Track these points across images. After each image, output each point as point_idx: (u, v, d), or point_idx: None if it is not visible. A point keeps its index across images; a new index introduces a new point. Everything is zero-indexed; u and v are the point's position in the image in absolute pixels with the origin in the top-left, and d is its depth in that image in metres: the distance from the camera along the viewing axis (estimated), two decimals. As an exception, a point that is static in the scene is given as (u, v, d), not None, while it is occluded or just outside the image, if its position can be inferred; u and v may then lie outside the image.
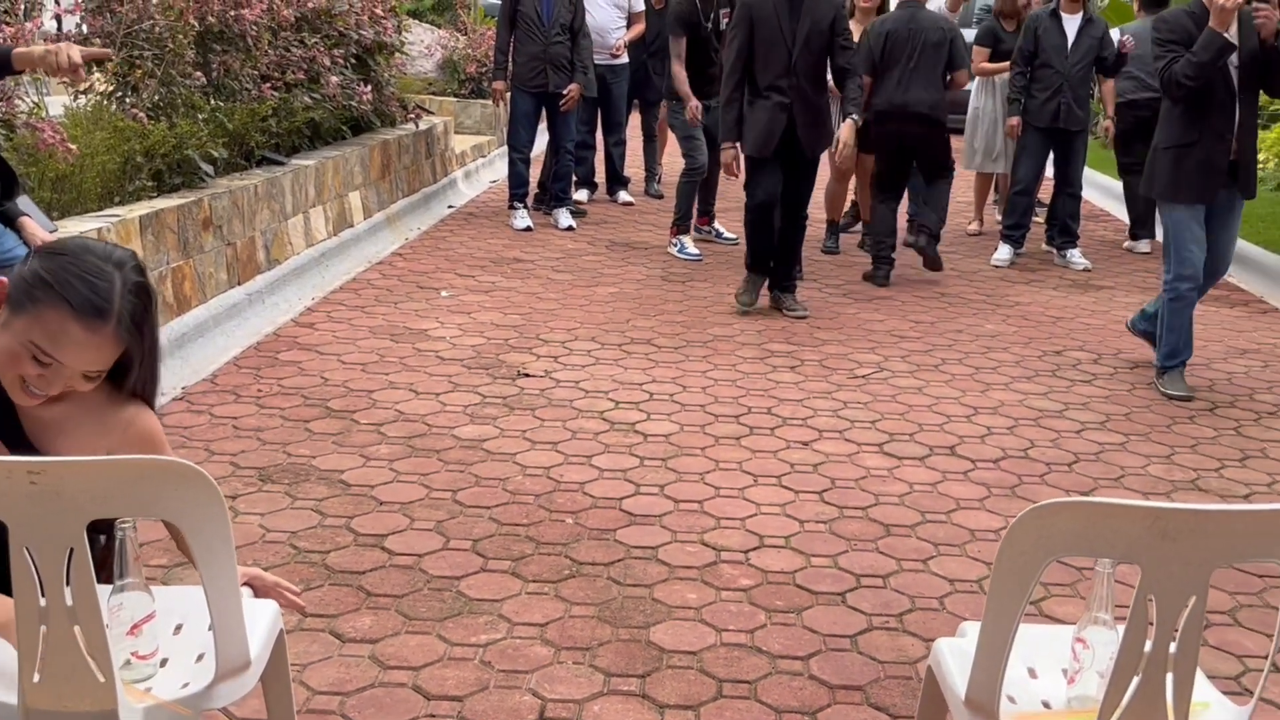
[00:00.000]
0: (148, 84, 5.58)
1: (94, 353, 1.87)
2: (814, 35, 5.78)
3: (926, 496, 3.94)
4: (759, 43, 5.79)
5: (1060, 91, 7.25)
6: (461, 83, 11.49)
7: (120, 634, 1.82)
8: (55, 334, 1.84)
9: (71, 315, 1.83)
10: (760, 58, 5.82)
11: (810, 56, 5.81)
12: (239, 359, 5.09)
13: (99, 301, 1.85)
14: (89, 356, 1.87)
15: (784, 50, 5.76)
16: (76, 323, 1.84)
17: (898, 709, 2.71)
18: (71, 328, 1.84)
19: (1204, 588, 1.65)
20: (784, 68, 5.77)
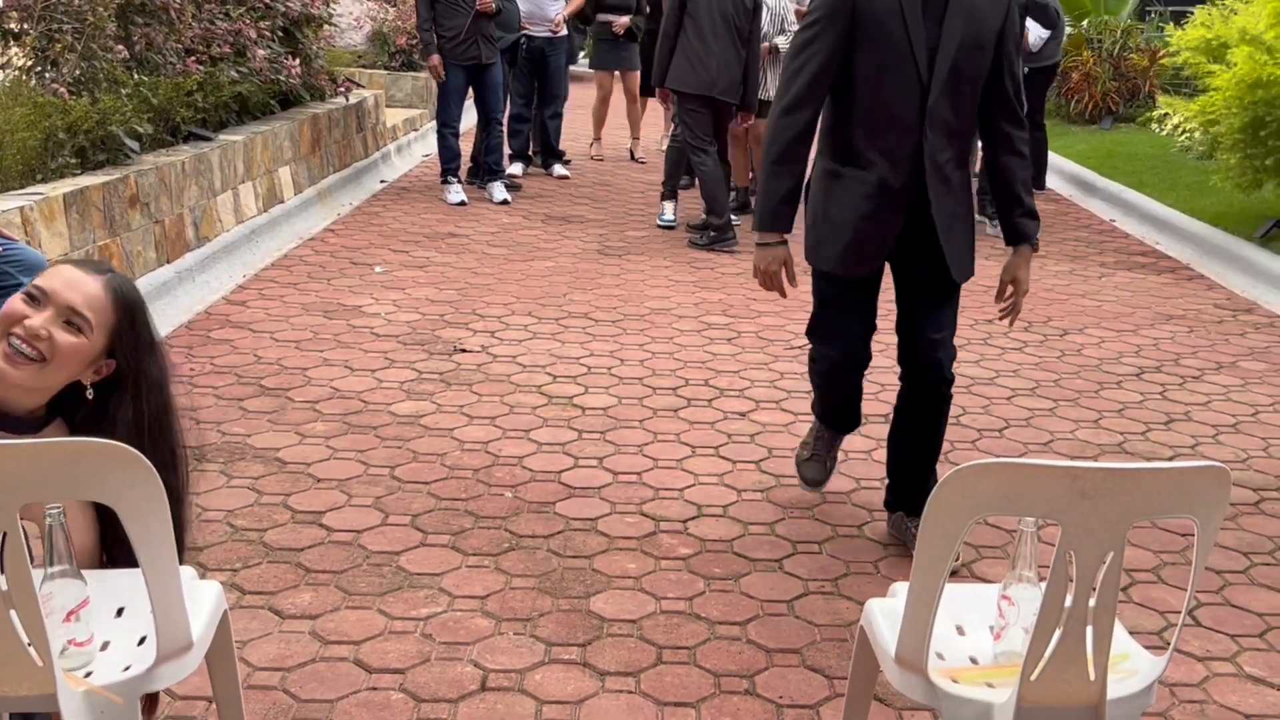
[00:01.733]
0: (68, 58, 5.46)
1: (83, 292, 1.94)
2: (969, 53, 3.00)
3: (861, 464, 4.01)
4: (864, 63, 3.03)
5: None
6: (392, 55, 11.38)
7: (56, 622, 1.81)
8: (51, 273, 1.98)
9: (70, 263, 2.03)
10: (863, 92, 3.06)
11: (958, 94, 3.04)
12: (170, 338, 5.03)
13: (96, 265, 2.03)
14: (78, 294, 1.93)
15: (912, 79, 3.00)
16: (73, 266, 2.00)
17: (833, 670, 2.77)
18: (67, 268, 1.99)
19: (1121, 544, 1.72)
20: (911, 114, 3.03)
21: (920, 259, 3.18)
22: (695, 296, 6.01)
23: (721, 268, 6.63)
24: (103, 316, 1.95)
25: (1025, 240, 3.20)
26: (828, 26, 3.03)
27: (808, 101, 3.09)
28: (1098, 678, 1.80)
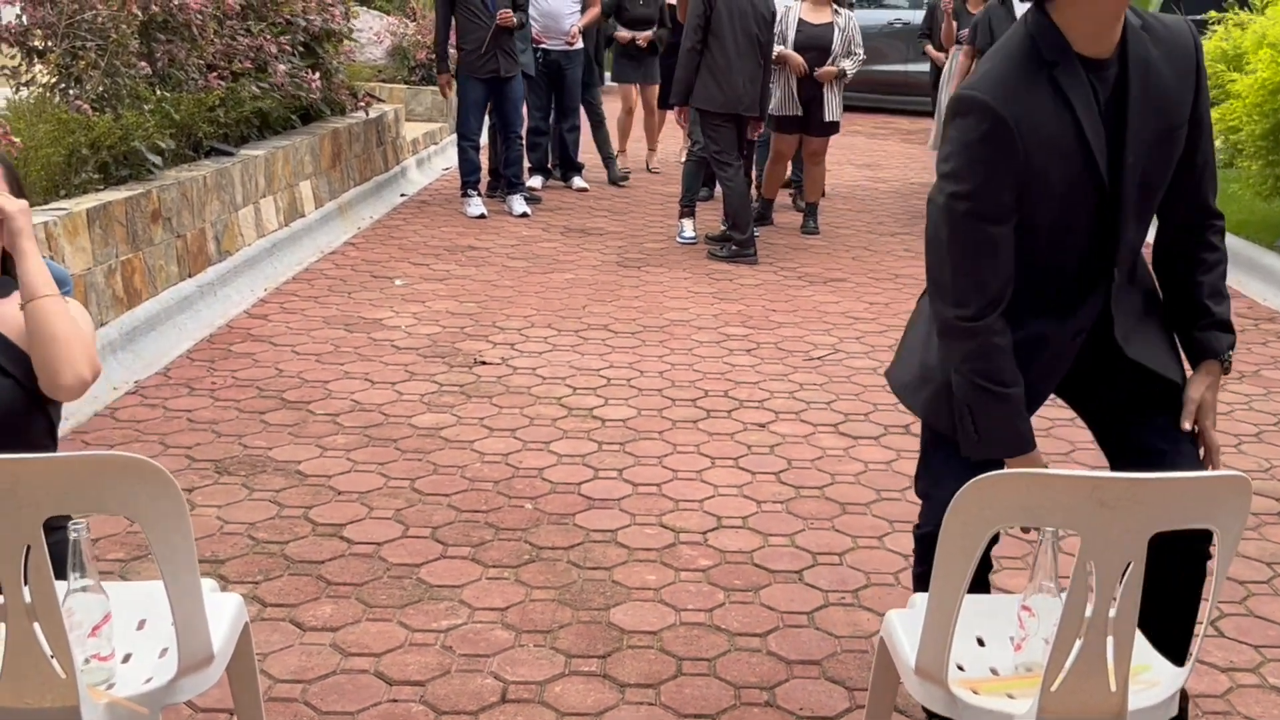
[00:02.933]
0: (91, 75, 5.51)
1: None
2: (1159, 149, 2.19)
3: (882, 475, 4.00)
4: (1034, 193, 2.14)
5: None
6: (411, 69, 11.43)
7: (81, 636, 1.82)
8: None
9: None
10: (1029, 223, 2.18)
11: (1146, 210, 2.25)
12: (192, 352, 5.06)
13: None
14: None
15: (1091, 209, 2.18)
16: None
17: (854, 681, 2.76)
18: None
19: (1142, 553, 1.71)
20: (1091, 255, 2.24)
21: (1105, 384, 2.34)
22: (714, 308, 6.01)
23: (740, 279, 6.63)
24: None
25: (1213, 356, 2.28)
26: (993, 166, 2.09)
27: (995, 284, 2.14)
28: (1119, 689, 1.78)
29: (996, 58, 2.15)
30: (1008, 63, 2.12)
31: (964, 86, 2.13)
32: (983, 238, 2.11)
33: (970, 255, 2.13)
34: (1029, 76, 2.08)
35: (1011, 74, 2.10)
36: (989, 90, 2.08)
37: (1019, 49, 2.12)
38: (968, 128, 2.09)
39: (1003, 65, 2.12)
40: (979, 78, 2.12)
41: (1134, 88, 2.10)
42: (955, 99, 2.14)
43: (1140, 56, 2.11)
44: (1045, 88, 2.08)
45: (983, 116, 2.07)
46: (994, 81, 2.09)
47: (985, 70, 2.14)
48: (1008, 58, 2.13)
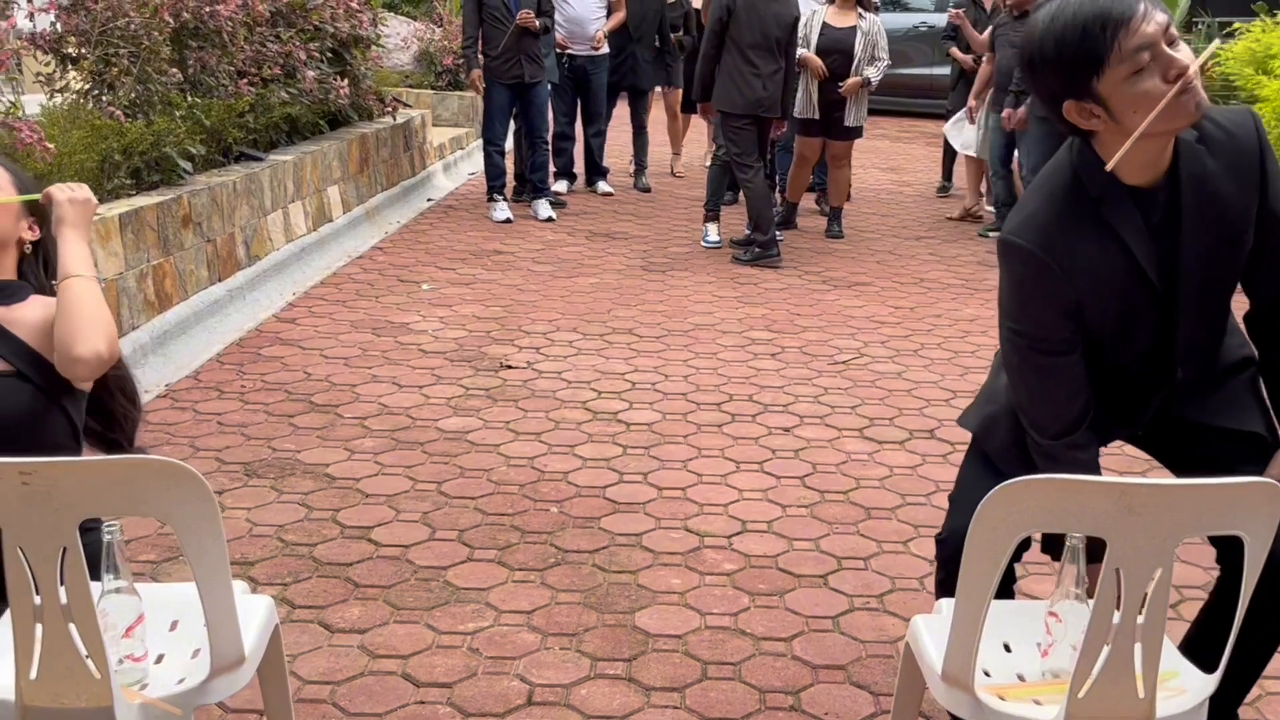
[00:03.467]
0: (124, 81, 5.57)
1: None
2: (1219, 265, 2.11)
3: (906, 480, 3.99)
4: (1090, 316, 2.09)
5: None
6: (438, 75, 11.49)
7: (115, 637, 1.85)
8: None
9: None
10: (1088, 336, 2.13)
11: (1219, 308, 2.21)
12: (222, 355, 5.11)
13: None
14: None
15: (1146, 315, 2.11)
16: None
17: (879, 686, 2.76)
18: None
19: (1170, 560, 1.71)
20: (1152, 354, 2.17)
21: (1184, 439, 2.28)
22: (739, 312, 6.02)
23: (765, 283, 6.63)
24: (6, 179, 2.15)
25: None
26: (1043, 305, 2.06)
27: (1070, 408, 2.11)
28: (1147, 695, 1.78)
29: (1040, 196, 2.08)
30: (1051, 204, 2.05)
31: (1007, 231, 2.06)
32: (1048, 367, 2.09)
33: (1039, 384, 2.13)
34: (1074, 216, 2.03)
35: (1055, 216, 2.04)
36: (1032, 237, 2.02)
37: (1062, 187, 2.06)
38: (1014, 271, 2.07)
39: (1046, 207, 2.05)
40: (1022, 221, 2.06)
41: (1188, 207, 2.02)
42: (1000, 244, 2.07)
43: (1195, 174, 2.02)
44: (1092, 225, 2.02)
45: (1027, 262, 2.03)
46: (1037, 227, 2.03)
47: (1029, 212, 2.06)
48: (1050, 197, 2.06)
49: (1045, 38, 1.94)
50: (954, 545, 2.20)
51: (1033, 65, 1.99)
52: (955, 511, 2.35)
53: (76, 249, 2.09)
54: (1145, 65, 1.89)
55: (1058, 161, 2.10)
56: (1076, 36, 1.90)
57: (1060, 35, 1.92)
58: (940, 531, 2.37)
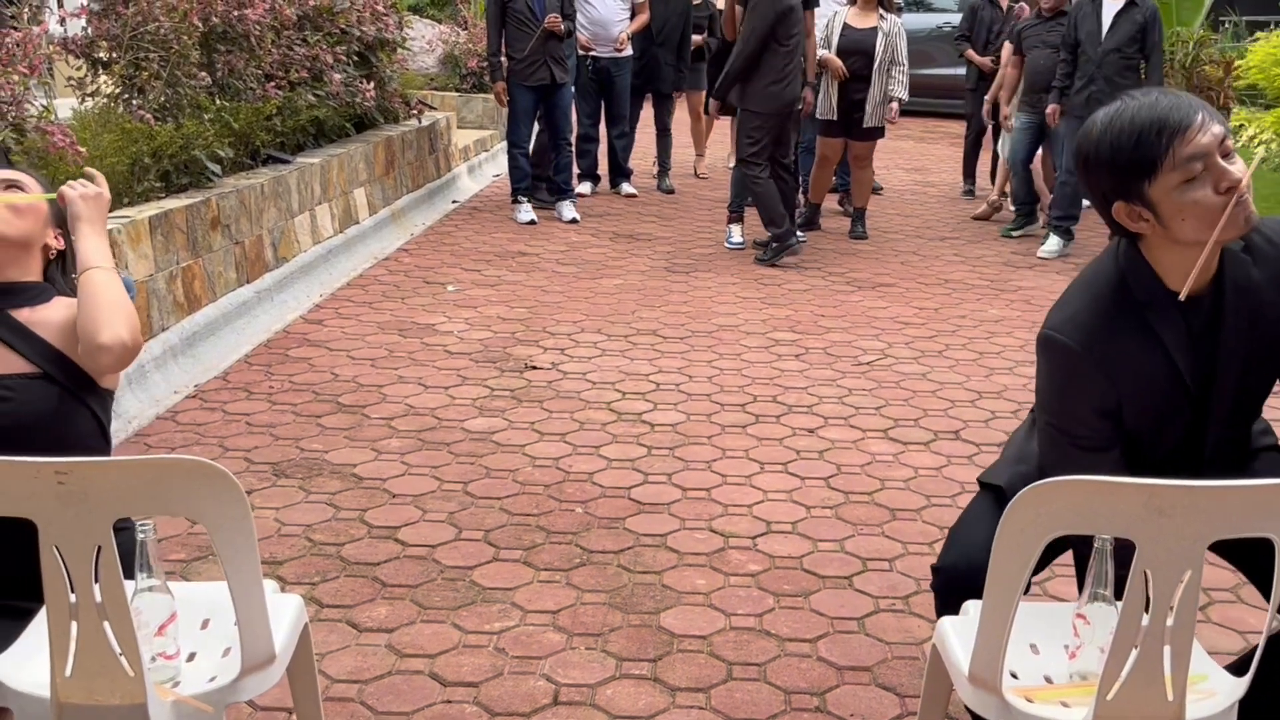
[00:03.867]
0: (154, 85, 5.63)
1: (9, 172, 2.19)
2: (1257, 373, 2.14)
3: (931, 481, 3.98)
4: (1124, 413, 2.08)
5: (1093, 80, 7.01)
6: (463, 77, 11.54)
7: (148, 635, 1.87)
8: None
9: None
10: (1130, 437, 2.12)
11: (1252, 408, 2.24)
12: (250, 356, 5.15)
13: None
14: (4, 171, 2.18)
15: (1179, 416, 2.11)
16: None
17: (905, 688, 2.76)
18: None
19: (1199, 562, 1.70)
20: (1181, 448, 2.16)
21: None
22: (762, 313, 6.02)
23: (789, 284, 6.63)
24: (33, 184, 2.18)
25: None
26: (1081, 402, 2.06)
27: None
28: (1176, 698, 1.78)
29: (1084, 295, 2.07)
30: (1096, 304, 2.05)
31: (1049, 326, 2.06)
32: (1087, 464, 2.01)
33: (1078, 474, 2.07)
34: (1117, 317, 2.03)
35: (1099, 317, 2.03)
36: (1074, 335, 2.02)
37: (1108, 287, 2.05)
38: (1054, 367, 2.07)
39: (1090, 306, 2.05)
40: (1065, 318, 2.05)
41: (1230, 316, 2.02)
42: (1041, 338, 2.06)
43: (1239, 284, 2.02)
44: (1135, 327, 2.02)
45: (1067, 359, 2.03)
46: (1079, 325, 2.03)
47: (1073, 311, 2.06)
48: (1096, 298, 2.06)
49: (1102, 139, 1.95)
50: (947, 577, 2.29)
51: (1087, 163, 1.99)
52: (953, 543, 2.37)
53: (94, 242, 2.12)
54: (1197, 174, 1.89)
55: (1103, 262, 2.10)
56: (1132, 141, 1.91)
57: (1116, 138, 1.93)
58: (936, 560, 2.37)
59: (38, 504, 1.69)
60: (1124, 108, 1.94)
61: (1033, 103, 7.62)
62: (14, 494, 1.69)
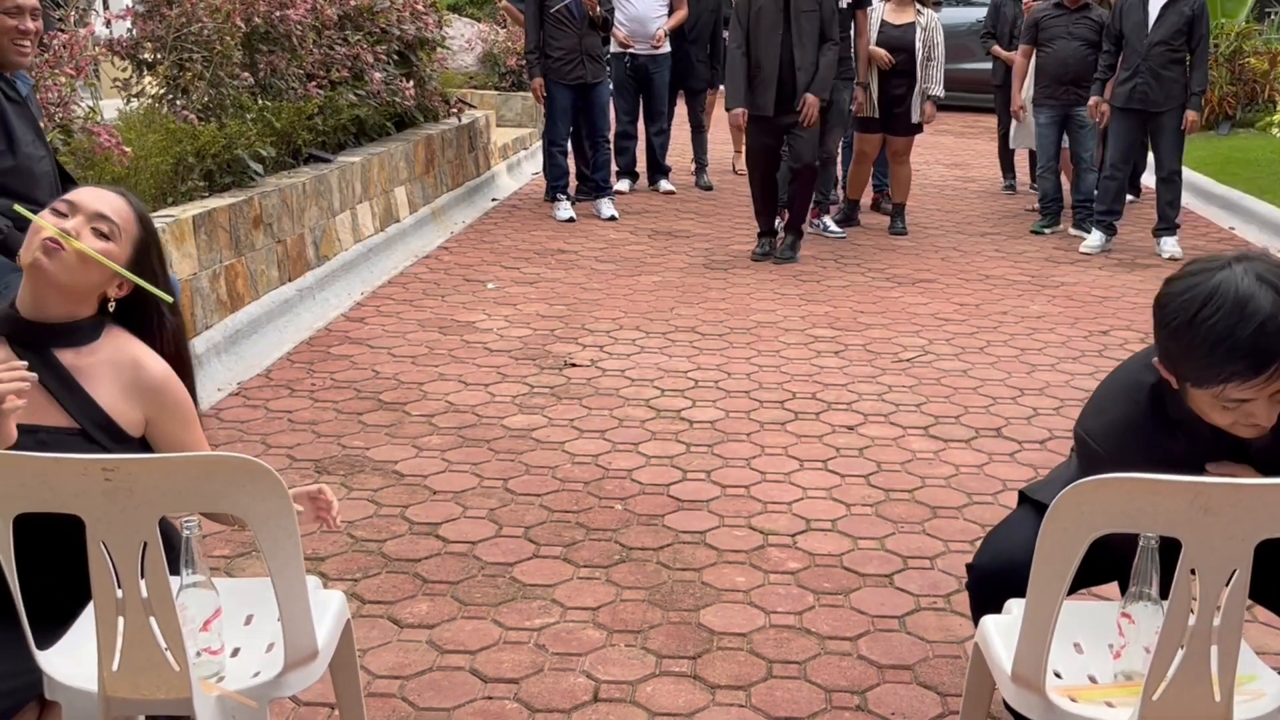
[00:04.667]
0: (197, 86, 5.69)
1: (109, 203, 2.05)
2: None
3: (973, 478, 3.95)
4: None
5: (1138, 72, 6.93)
6: (502, 76, 11.57)
7: (193, 630, 1.89)
8: (75, 191, 2.09)
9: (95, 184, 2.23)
10: None
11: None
12: (292, 354, 5.20)
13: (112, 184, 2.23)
14: (105, 204, 2.04)
15: None
16: (98, 184, 2.19)
17: (946, 687, 2.74)
18: (91, 187, 2.13)
19: (1247, 561, 1.68)
20: None
21: None
22: (801, 309, 5.99)
23: (827, 280, 6.60)
24: (128, 228, 2.06)
25: None
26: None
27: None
28: (1223, 699, 1.75)
29: (1122, 405, 2.06)
30: (1130, 413, 2.04)
31: (1085, 429, 2.07)
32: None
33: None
34: (1150, 428, 2.02)
35: (1131, 427, 2.03)
36: (1110, 447, 2.02)
37: (1146, 400, 2.03)
38: (1087, 467, 2.04)
39: (1124, 416, 2.04)
40: (1102, 426, 2.06)
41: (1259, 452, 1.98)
42: (1076, 437, 2.07)
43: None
44: (1167, 437, 2.00)
45: (1100, 465, 1.95)
46: (1112, 434, 2.04)
47: (1110, 420, 2.06)
48: (1132, 405, 2.04)
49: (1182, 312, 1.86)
50: (980, 575, 2.29)
51: (1163, 320, 1.90)
52: (989, 543, 2.38)
53: None
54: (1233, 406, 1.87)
55: (1140, 373, 2.06)
56: (1204, 349, 1.83)
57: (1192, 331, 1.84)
58: (972, 559, 2.37)
59: (85, 500, 1.72)
60: (1223, 302, 1.82)
61: (1054, 96, 7.52)
62: (62, 491, 1.71)
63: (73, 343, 2.03)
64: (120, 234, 2.04)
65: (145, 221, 2.11)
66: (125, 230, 2.05)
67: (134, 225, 2.07)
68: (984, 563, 2.32)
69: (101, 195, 2.07)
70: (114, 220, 2.03)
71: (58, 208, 2.04)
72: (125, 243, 2.05)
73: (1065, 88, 7.45)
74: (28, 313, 2.02)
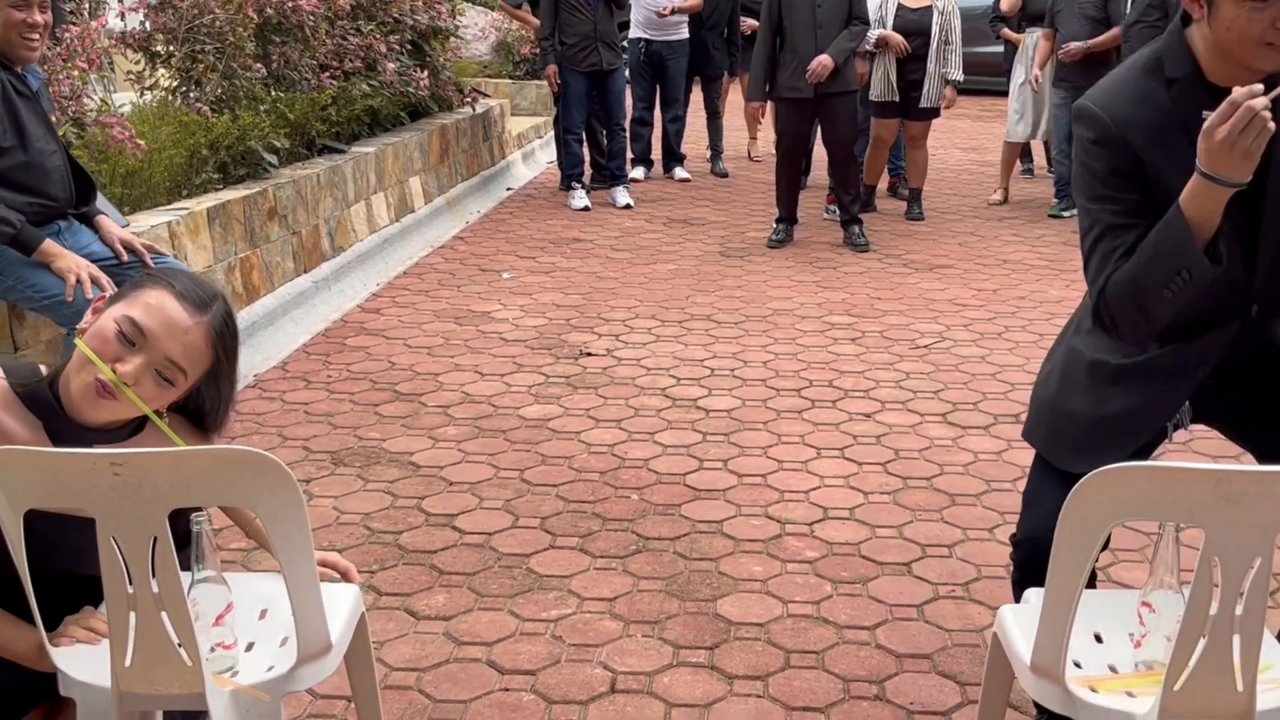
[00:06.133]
0: (210, 78, 5.68)
1: (182, 337, 1.86)
2: None
3: (991, 465, 3.92)
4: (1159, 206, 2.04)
5: None
6: (516, 64, 11.54)
7: (205, 625, 1.88)
8: (152, 307, 1.85)
9: (172, 294, 1.87)
10: None
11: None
12: (308, 346, 5.20)
13: (200, 295, 1.90)
14: (178, 340, 1.85)
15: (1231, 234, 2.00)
16: (175, 300, 1.86)
17: (965, 676, 2.72)
18: (170, 304, 1.86)
19: (1270, 549, 1.65)
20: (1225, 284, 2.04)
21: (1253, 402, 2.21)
22: (818, 296, 5.96)
23: (844, 267, 6.56)
24: (198, 364, 1.90)
25: None
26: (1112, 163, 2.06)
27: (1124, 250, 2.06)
28: (1246, 688, 1.72)
29: (1122, 69, 2.14)
30: (1128, 74, 2.10)
31: (1085, 96, 2.13)
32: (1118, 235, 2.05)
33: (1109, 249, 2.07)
34: (1144, 89, 2.05)
35: (1127, 84, 2.08)
36: (1100, 100, 2.08)
37: (1144, 61, 2.09)
38: (1084, 135, 2.10)
39: (1123, 75, 2.11)
40: (1099, 89, 2.12)
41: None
42: (1074, 108, 2.14)
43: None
44: (1160, 100, 2.03)
45: (1094, 124, 2.06)
46: (1107, 92, 2.10)
47: (1108, 83, 2.12)
48: (1130, 69, 2.12)
49: None
50: (1029, 548, 2.21)
51: None
52: (1029, 512, 2.29)
53: None
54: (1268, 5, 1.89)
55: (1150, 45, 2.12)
56: None
57: None
58: (1015, 532, 2.32)
59: (95, 495, 1.71)
60: None
61: (1069, 77, 7.44)
62: (72, 486, 1.70)
63: (112, 439, 1.92)
64: (188, 375, 1.89)
65: (223, 341, 1.92)
66: (195, 366, 1.89)
67: (207, 356, 1.90)
68: (1028, 534, 2.21)
69: (176, 328, 1.85)
70: (181, 365, 1.87)
71: (124, 330, 1.83)
72: (192, 376, 1.91)
73: (1078, 68, 7.37)
74: (70, 409, 1.87)
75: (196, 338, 1.88)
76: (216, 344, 1.92)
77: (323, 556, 2.15)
